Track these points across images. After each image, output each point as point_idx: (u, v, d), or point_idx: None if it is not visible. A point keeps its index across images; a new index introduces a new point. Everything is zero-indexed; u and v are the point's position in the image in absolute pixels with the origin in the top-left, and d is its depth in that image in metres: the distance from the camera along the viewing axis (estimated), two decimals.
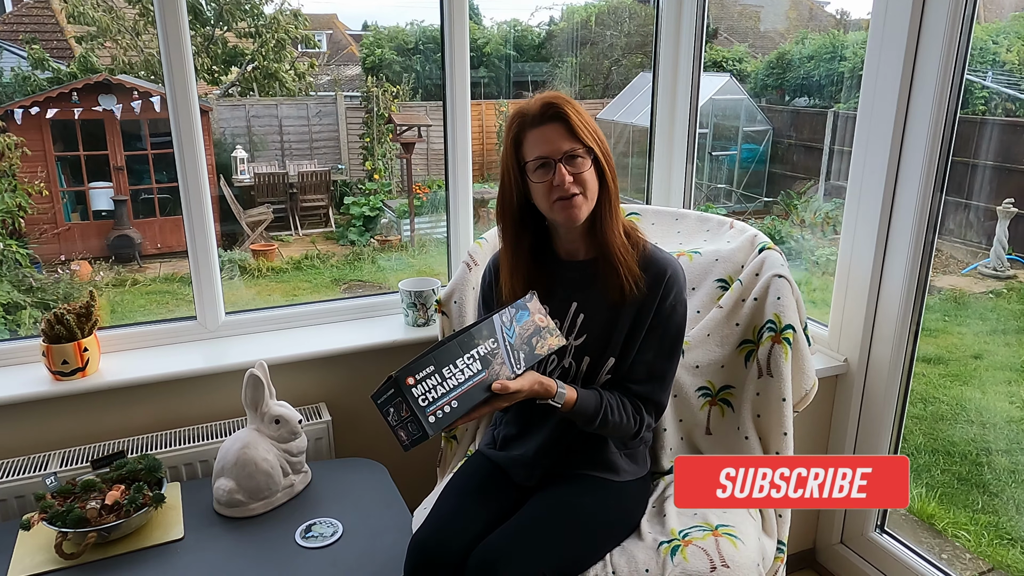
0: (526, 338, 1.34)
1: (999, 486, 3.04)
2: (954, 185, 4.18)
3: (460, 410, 1.26)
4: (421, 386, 1.23)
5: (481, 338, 1.30)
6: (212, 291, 2.05)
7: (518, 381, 1.31)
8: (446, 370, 1.25)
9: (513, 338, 1.33)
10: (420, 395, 1.23)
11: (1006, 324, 4.28)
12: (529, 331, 1.35)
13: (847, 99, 5.71)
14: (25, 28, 7.30)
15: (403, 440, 1.26)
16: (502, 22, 9.15)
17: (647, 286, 1.44)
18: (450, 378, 1.26)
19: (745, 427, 1.71)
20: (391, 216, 7.67)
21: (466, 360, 1.28)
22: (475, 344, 1.29)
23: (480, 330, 1.30)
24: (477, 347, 1.29)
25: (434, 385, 1.24)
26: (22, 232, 6.02)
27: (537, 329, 1.36)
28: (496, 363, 1.30)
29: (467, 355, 1.28)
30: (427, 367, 1.24)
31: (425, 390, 1.23)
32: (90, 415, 1.87)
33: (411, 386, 1.22)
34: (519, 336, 1.34)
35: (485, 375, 1.28)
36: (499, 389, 1.28)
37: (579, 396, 1.41)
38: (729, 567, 1.40)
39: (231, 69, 8.19)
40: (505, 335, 1.32)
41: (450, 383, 1.25)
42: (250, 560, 1.56)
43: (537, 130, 1.39)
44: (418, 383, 1.23)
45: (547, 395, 1.37)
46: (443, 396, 1.25)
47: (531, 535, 1.39)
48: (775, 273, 1.70)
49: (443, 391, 1.25)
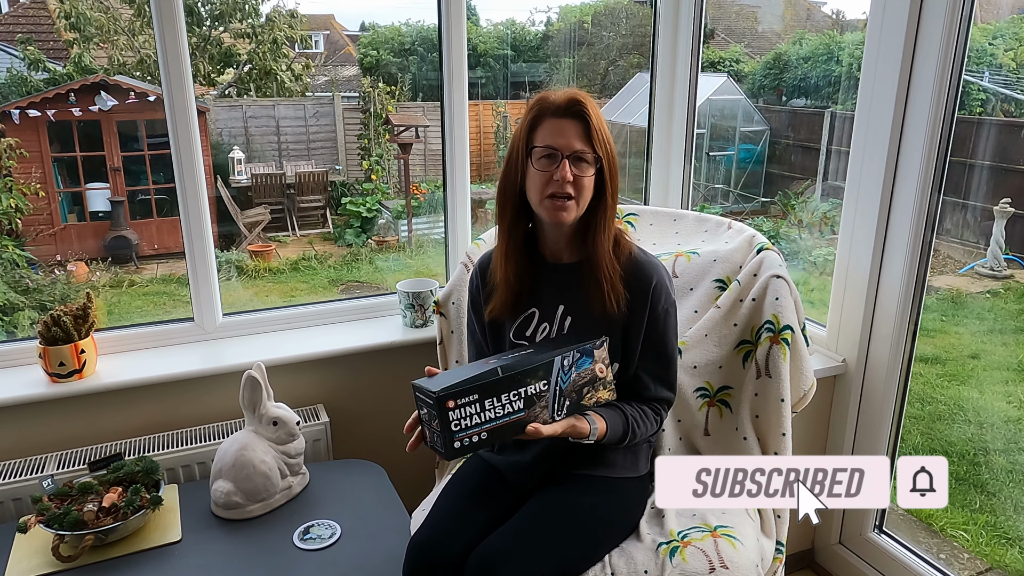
0: (578, 386, 1.32)
1: (997, 486, 3.05)
2: (951, 185, 4.18)
3: (487, 443, 1.24)
4: (459, 412, 1.21)
5: (535, 379, 1.27)
6: (209, 292, 2.05)
7: (552, 425, 1.30)
8: (488, 402, 1.23)
9: (566, 384, 1.31)
10: (455, 419, 1.21)
11: (1003, 324, 4.29)
12: (584, 379, 1.33)
13: (844, 99, 5.71)
14: (21, 29, 7.29)
15: (425, 438, 1.27)
16: (498, 23, 9.15)
17: (634, 299, 1.44)
18: (489, 410, 1.24)
19: (744, 428, 1.71)
20: (389, 217, 7.67)
21: (511, 396, 1.25)
22: (526, 383, 1.26)
23: (537, 370, 1.28)
24: (527, 386, 1.27)
25: (472, 414, 1.22)
26: (19, 233, 6.01)
27: (593, 379, 1.34)
28: (539, 406, 1.28)
29: (513, 392, 1.25)
30: (471, 395, 1.22)
31: (461, 416, 1.21)
32: (87, 417, 1.87)
33: (450, 408, 1.20)
34: (572, 383, 1.32)
35: (524, 415, 1.27)
36: (532, 433, 1.27)
37: (608, 426, 1.40)
38: (728, 568, 1.40)
39: (227, 70, 8.18)
40: (560, 379, 1.30)
41: (487, 415, 1.24)
42: (248, 562, 1.55)
43: (556, 120, 1.39)
44: (457, 408, 1.21)
45: (580, 436, 1.36)
46: (476, 426, 1.23)
47: (530, 536, 1.39)
48: (773, 273, 1.70)
49: (478, 422, 1.23)
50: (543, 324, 1.50)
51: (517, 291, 1.49)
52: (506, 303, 1.50)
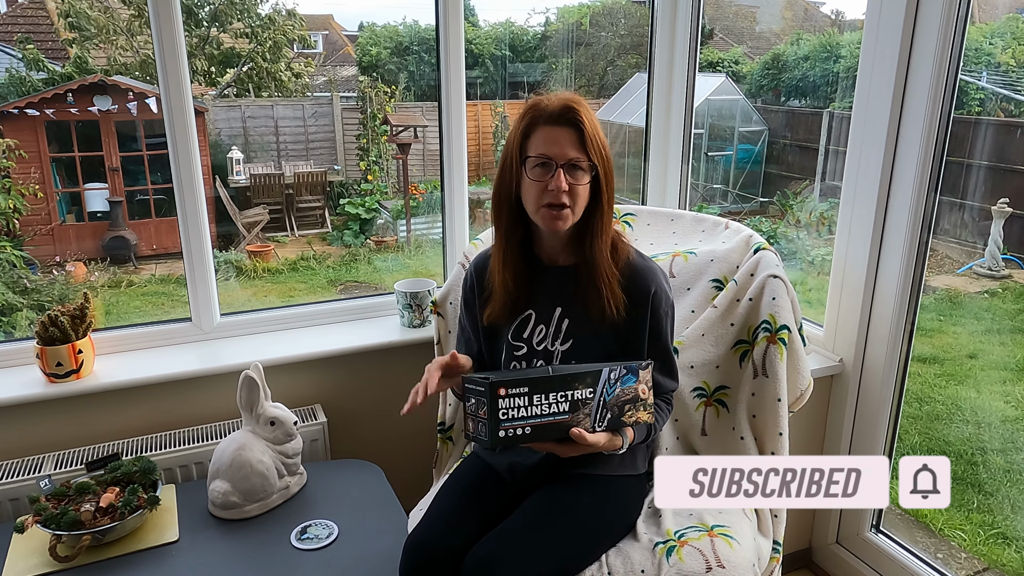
0: (621, 402, 1.34)
1: (994, 485, 3.05)
2: (949, 185, 4.19)
3: (530, 438, 1.27)
4: (508, 401, 1.25)
5: (582, 384, 1.30)
6: (207, 292, 2.05)
7: (595, 436, 1.31)
8: (537, 397, 1.27)
9: (610, 397, 1.33)
10: (503, 408, 1.24)
11: (1001, 324, 4.29)
12: (628, 397, 1.34)
13: (842, 99, 5.72)
14: (20, 29, 7.29)
15: (468, 431, 1.30)
16: (496, 23, 9.16)
17: (633, 305, 1.45)
18: (537, 406, 1.27)
19: (741, 428, 1.71)
20: (387, 217, 7.67)
21: (558, 397, 1.28)
22: (573, 387, 1.29)
23: (585, 376, 1.30)
24: (575, 390, 1.29)
25: (520, 406, 1.26)
26: (17, 233, 6.01)
27: (635, 398, 1.35)
28: (582, 412, 1.30)
29: (560, 393, 1.29)
30: (522, 387, 1.26)
31: (510, 406, 1.25)
32: (84, 417, 1.86)
33: (500, 396, 1.24)
34: (616, 397, 1.33)
35: (568, 418, 1.29)
36: (576, 436, 1.29)
37: (636, 432, 1.42)
38: (725, 567, 1.40)
39: (227, 70, 8.18)
40: (605, 390, 1.32)
41: (534, 410, 1.27)
42: (245, 562, 1.55)
43: (549, 128, 1.38)
44: (507, 397, 1.25)
45: (614, 449, 1.38)
46: (522, 419, 1.26)
47: (527, 536, 1.39)
48: (770, 273, 1.70)
49: (524, 415, 1.26)
50: (540, 326, 1.50)
51: (515, 296, 1.50)
52: (504, 307, 1.50)
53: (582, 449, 1.32)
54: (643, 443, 1.50)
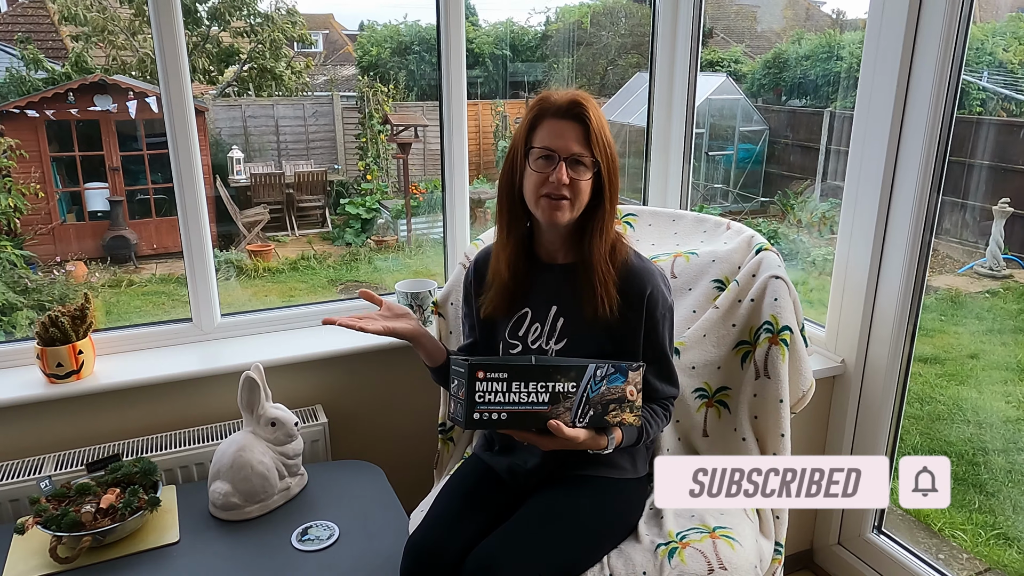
0: (605, 400, 1.33)
1: (996, 486, 3.05)
2: (951, 185, 4.18)
3: (506, 424, 1.27)
4: (486, 384, 1.25)
5: (565, 377, 1.29)
6: (208, 293, 2.05)
7: (574, 431, 1.31)
8: (516, 385, 1.26)
9: (594, 394, 1.32)
10: (480, 391, 1.25)
11: (1002, 324, 4.29)
12: (613, 396, 1.33)
13: (843, 99, 5.72)
14: (20, 28, 7.28)
15: (449, 411, 1.32)
16: (497, 22, 9.15)
17: (627, 306, 1.44)
18: (515, 393, 1.26)
19: (742, 429, 1.71)
20: (388, 217, 7.66)
21: (538, 387, 1.28)
22: (555, 379, 1.28)
23: (569, 370, 1.29)
24: (556, 382, 1.28)
25: (497, 391, 1.26)
26: (17, 233, 6.01)
27: (622, 399, 1.34)
28: (563, 406, 1.30)
29: (541, 383, 1.28)
30: (500, 372, 1.25)
31: (487, 390, 1.25)
32: (85, 418, 1.86)
33: (478, 379, 1.24)
34: (601, 395, 1.32)
35: (547, 409, 1.28)
36: (554, 428, 1.28)
37: (624, 434, 1.41)
38: (727, 569, 1.40)
39: (227, 69, 8.17)
40: (590, 387, 1.31)
41: (512, 396, 1.26)
42: (246, 563, 1.55)
43: (555, 122, 1.38)
44: (485, 380, 1.25)
45: (597, 448, 1.37)
46: (498, 404, 1.26)
47: (528, 538, 1.38)
48: (772, 274, 1.70)
49: (501, 400, 1.26)
50: (535, 324, 1.50)
51: (512, 290, 1.49)
52: (502, 300, 1.50)
53: (562, 443, 1.31)
54: (632, 447, 1.47)
